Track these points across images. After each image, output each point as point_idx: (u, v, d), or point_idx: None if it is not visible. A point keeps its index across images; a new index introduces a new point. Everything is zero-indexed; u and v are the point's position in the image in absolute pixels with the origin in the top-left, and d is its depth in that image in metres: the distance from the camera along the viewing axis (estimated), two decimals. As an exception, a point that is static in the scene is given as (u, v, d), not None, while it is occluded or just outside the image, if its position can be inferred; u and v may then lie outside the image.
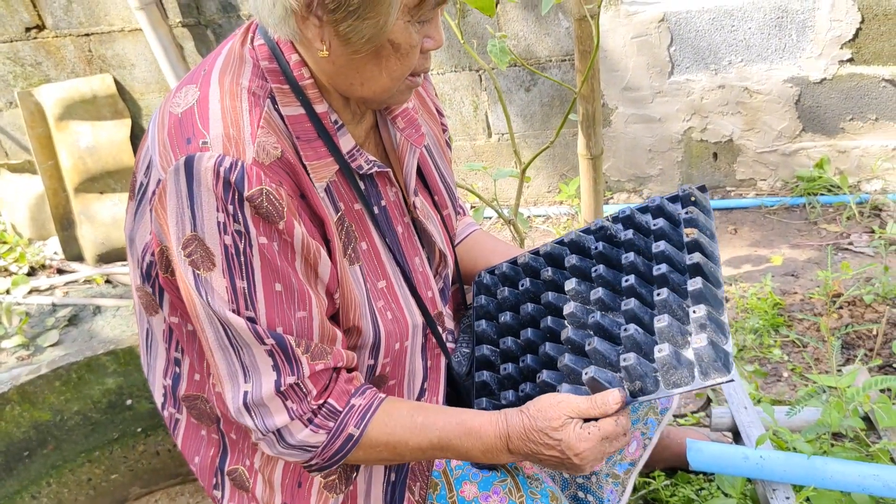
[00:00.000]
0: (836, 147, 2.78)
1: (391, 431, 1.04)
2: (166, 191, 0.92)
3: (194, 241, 0.92)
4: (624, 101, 2.86)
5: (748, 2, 2.57)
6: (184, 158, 0.91)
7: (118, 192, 3.32)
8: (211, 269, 0.92)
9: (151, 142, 0.98)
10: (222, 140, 0.92)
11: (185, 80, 1.03)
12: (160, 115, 1.00)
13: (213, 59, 1.03)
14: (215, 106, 0.95)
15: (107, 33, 3.11)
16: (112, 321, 2.98)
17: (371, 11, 0.89)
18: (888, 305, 2.24)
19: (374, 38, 0.92)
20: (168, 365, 1.15)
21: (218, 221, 0.91)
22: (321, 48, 0.93)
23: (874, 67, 2.59)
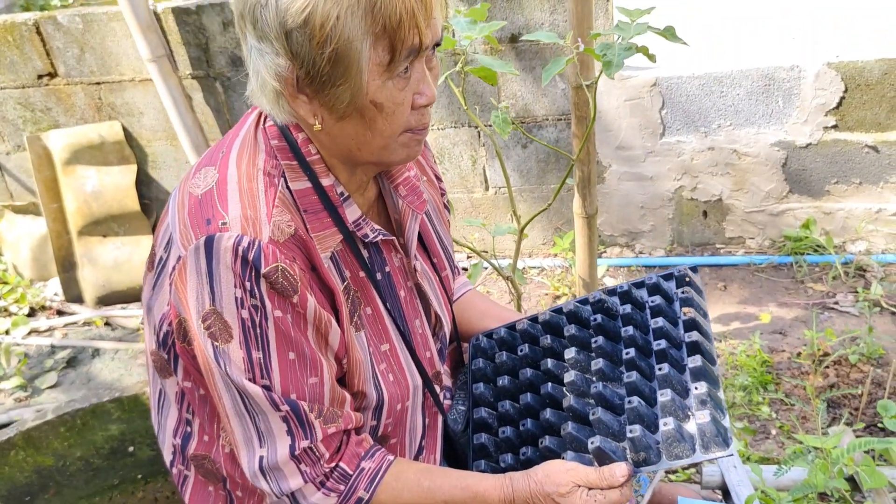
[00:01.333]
0: (822, 209, 2.87)
1: (398, 495, 1.08)
2: (186, 267, 0.98)
3: (213, 315, 0.97)
4: (617, 159, 2.95)
5: (736, 69, 2.68)
6: (204, 238, 0.97)
7: (121, 236, 3.38)
8: (229, 340, 0.98)
9: (172, 220, 1.04)
10: (240, 221, 0.98)
11: (204, 161, 1.08)
12: (180, 194, 1.06)
13: (231, 142, 1.09)
14: (233, 188, 1.01)
15: (117, 82, 3.20)
16: (111, 364, 3.01)
17: (341, 77, 0.94)
18: (872, 366, 2.30)
19: (353, 100, 0.96)
20: (179, 424, 1.19)
21: (236, 297, 0.96)
22: (314, 122, 1.00)
23: (857, 134, 2.70)
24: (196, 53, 3.06)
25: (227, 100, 3.15)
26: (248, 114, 1.12)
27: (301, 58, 0.93)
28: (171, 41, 3.04)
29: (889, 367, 2.27)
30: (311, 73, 0.94)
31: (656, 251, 3.11)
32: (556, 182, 3.04)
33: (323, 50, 0.92)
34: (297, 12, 0.90)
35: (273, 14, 0.92)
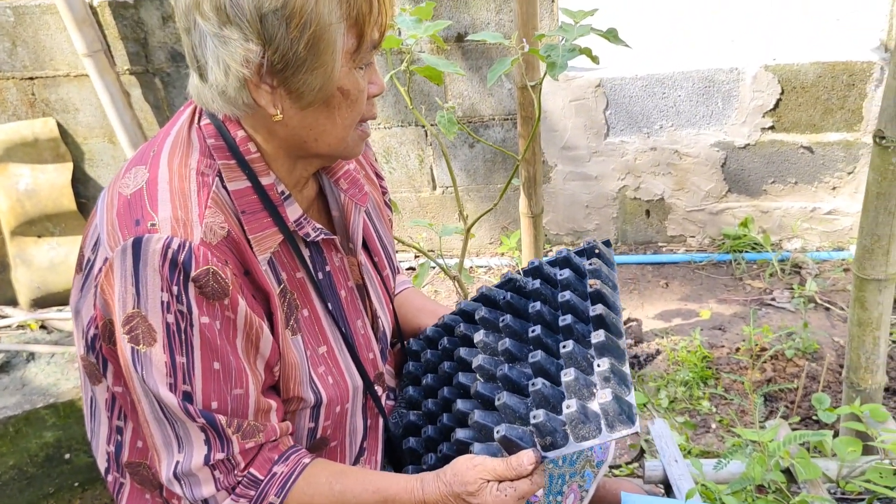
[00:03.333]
0: (760, 207, 2.95)
1: (310, 499, 1.06)
2: (113, 269, 0.95)
3: (136, 318, 0.95)
4: (563, 159, 2.98)
5: (678, 71, 2.74)
6: (132, 239, 0.94)
7: (57, 237, 3.27)
8: (151, 344, 0.95)
9: (100, 220, 1.01)
10: (170, 222, 0.95)
11: (135, 160, 1.05)
12: (109, 194, 1.03)
13: (162, 141, 1.05)
14: (164, 188, 0.98)
15: (51, 77, 3.09)
16: (46, 368, 2.91)
17: (317, 61, 0.94)
18: (807, 360, 2.37)
19: (324, 87, 0.97)
20: (111, 433, 1.16)
21: (162, 301, 0.94)
22: (275, 112, 0.98)
23: (793, 135, 2.78)
24: (134, 48, 2.98)
25: (166, 96, 3.08)
26: (181, 111, 1.09)
27: (276, 42, 0.92)
28: (109, 35, 2.95)
29: (823, 361, 2.35)
30: (285, 58, 0.93)
31: (601, 249, 3.15)
32: (502, 181, 3.06)
33: (301, 33, 0.92)
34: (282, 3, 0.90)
35: (245, 1, 0.90)
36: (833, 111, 2.70)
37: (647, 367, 2.48)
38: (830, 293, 2.71)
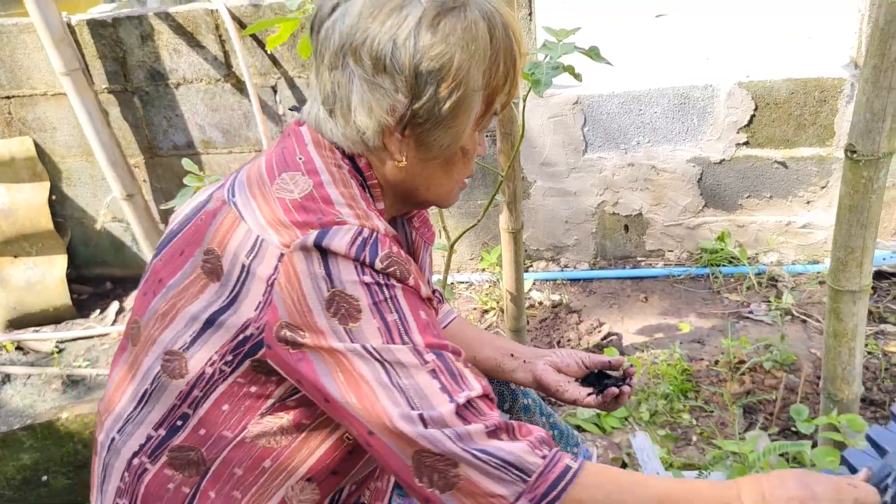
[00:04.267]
0: (736, 222, 2.99)
1: (607, 472, 0.99)
2: (295, 265, 0.97)
3: (336, 297, 0.96)
4: (542, 175, 3.01)
5: (654, 88, 2.78)
6: (316, 233, 0.97)
7: (34, 256, 3.24)
8: (358, 317, 0.96)
9: (255, 225, 1.02)
10: (353, 216, 1.00)
11: (276, 168, 1.07)
12: (259, 201, 1.04)
13: (304, 148, 1.09)
14: (333, 190, 1.03)
15: (28, 96, 3.08)
16: (22, 390, 2.87)
17: (454, 122, 1.03)
18: (785, 372, 2.40)
19: (451, 145, 1.06)
20: (169, 418, 1.12)
21: (358, 278, 0.97)
22: (400, 159, 1.06)
23: (767, 150, 2.83)
24: (113, 67, 2.98)
25: (145, 114, 3.07)
26: (296, 128, 1.13)
27: (424, 99, 1.00)
28: (87, 54, 2.95)
29: (801, 372, 2.38)
30: (427, 114, 1.02)
31: (581, 265, 3.17)
32: (482, 197, 3.08)
33: (449, 95, 1.00)
34: (436, 57, 0.98)
35: (409, 54, 0.98)
36: (806, 126, 2.75)
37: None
38: (807, 305, 2.75)
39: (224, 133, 3.07)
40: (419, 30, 0.98)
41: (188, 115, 3.05)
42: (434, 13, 0.98)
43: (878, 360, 2.42)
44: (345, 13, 1.01)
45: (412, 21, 0.98)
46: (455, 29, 0.99)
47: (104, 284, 3.46)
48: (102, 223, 3.31)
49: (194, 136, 3.09)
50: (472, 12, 1.00)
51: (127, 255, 3.42)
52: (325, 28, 1.03)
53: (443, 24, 0.98)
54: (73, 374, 2.90)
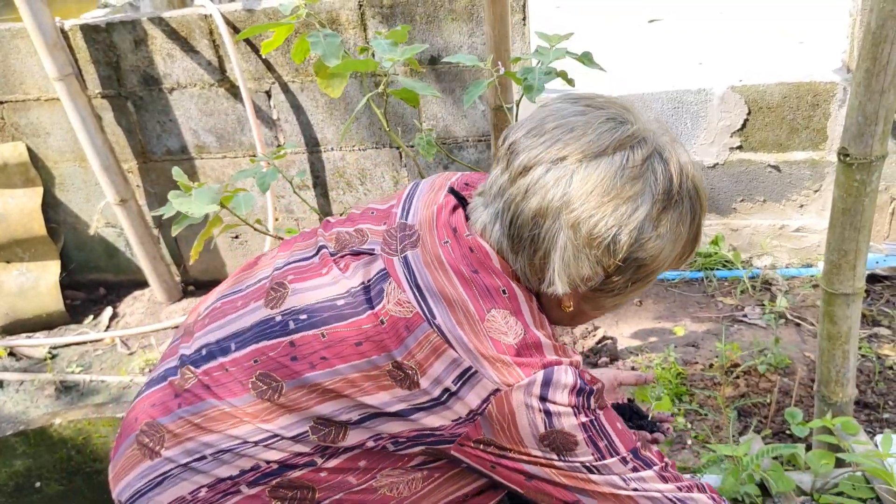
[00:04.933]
0: (730, 225, 3.00)
1: None
2: (511, 401, 1.03)
3: (553, 435, 1.05)
4: (536, 179, 3.01)
5: (647, 92, 2.78)
6: (541, 373, 1.03)
7: (26, 262, 3.23)
8: (574, 449, 1.06)
9: (466, 354, 1.04)
10: (561, 355, 1.07)
11: (483, 298, 1.07)
12: (471, 335, 1.04)
13: (502, 277, 1.09)
14: (540, 334, 1.07)
15: (21, 101, 3.07)
16: (15, 396, 2.86)
17: (624, 293, 1.10)
18: (779, 375, 2.41)
19: (608, 306, 1.15)
20: (289, 460, 1.12)
21: (577, 422, 1.05)
22: (568, 305, 1.12)
23: (760, 154, 2.84)
24: (106, 72, 2.97)
25: (139, 119, 3.07)
26: (479, 244, 1.11)
27: (623, 276, 1.06)
28: (80, 59, 2.94)
29: (795, 375, 2.38)
30: (617, 289, 1.08)
31: (575, 269, 3.18)
32: (476, 202, 3.08)
33: (647, 279, 1.08)
34: (650, 249, 1.03)
35: (629, 244, 1.02)
36: (799, 130, 2.76)
37: (623, 384, 2.49)
38: (800, 309, 2.75)
39: (218, 138, 3.07)
40: (646, 223, 1.01)
41: (182, 120, 3.04)
42: (661, 207, 1.02)
43: (871, 363, 2.42)
44: (571, 175, 1.01)
45: (642, 214, 1.01)
46: (672, 223, 1.03)
47: (97, 290, 3.45)
48: (96, 228, 3.30)
49: (188, 141, 3.09)
50: (685, 204, 1.04)
51: (120, 260, 3.41)
52: (536, 170, 1.04)
53: (665, 218, 1.02)
54: (66, 380, 2.89)
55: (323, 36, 1.71)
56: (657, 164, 1.02)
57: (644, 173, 1.01)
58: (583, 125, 1.03)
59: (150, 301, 3.33)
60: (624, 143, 1.01)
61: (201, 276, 3.41)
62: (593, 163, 1.01)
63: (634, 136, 1.02)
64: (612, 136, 1.02)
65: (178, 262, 3.39)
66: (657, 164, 1.02)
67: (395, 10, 2.72)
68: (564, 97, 1.12)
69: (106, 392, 2.84)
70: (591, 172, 1.00)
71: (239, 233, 3.27)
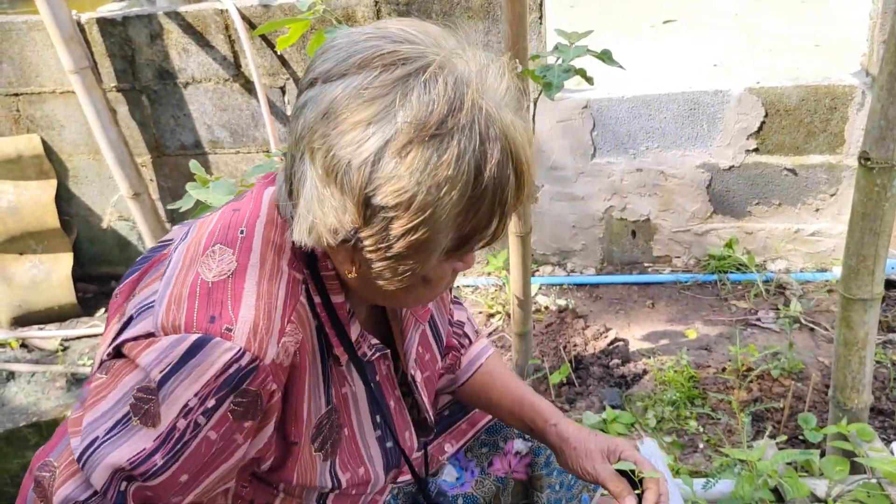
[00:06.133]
0: (744, 228, 2.98)
1: None
2: (153, 348, 0.87)
3: (152, 398, 0.87)
4: (550, 179, 3.00)
5: (664, 94, 2.77)
6: (197, 336, 0.86)
7: (39, 254, 3.24)
8: (145, 427, 0.87)
9: (164, 289, 0.91)
10: (248, 332, 0.87)
11: (216, 235, 0.94)
12: (183, 266, 0.92)
13: (252, 223, 0.94)
14: (251, 286, 0.89)
15: (37, 94, 3.08)
16: (27, 388, 2.87)
17: (408, 259, 0.87)
18: (793, 380, 2.39)
19: (408, 277, 0.89)
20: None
21: (186, 403, 0.86)
22: (349, 270, 0.91)
23: (777, 157, 2.82)
24: (121, 66, 2.98)
25: (152, 113, 3.07)
26: (262, 188, 0.99)
27: (374, 231, 0.84)
28: (96, 52, 2.95)
29: (809, 380, 2.36)
30: (374, 247, 0.85)
31: (587, 270, 3.16)
32: (489, 201, 3.07)
33: (405, 236, 0.83)
34: (392, 193, 0.80)
35: (362, 180, 0.80)
36: (816, 134, 2.74)
37: (634, 386, 2.48)
38: (814, 314, 2.73)
39: (232, 133, 3.07)
40: (381, 155, 0.79)
41: (196, 115, 3.05)
42: (406, 139, 0.79)
43: (886, 369, 2.40)
44: (316, 99, 0.84)
45: (376, 143, 0.79)
46: (427, 163, 0.79)
47: (109, 283, 3.46)
48: (109, 222, 3.30)
49: (202, 136, 3.09)
50: (456, 144, 0.80)
51: (133, 253, 3.41)
52: (300, 101, 0.87)
53: (413, 154, 0.79)
54: (77, 373, 2.89)
55: (340, 32, 1.70)
56: (413, 85, 0.80)
57: (387, 96, 0.80)
58: (350, 44, 0.85)
59: (162, 295, 3.34)
60: (374, 62, 0.82)
61: (213, 270, 3.41)
62: (329, 84, 0.83)
63: (397, 53, 0.82)
64: (366, 54, 0.82)
65: (190, 256, 3.39)
66: (413, 85, 0.80)
67: (410, 7, 2.72)
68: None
69: (116, 385, 2.84)
70: (328, 93, 0.82)
71: (251, 228, 3.28)
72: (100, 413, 0.90)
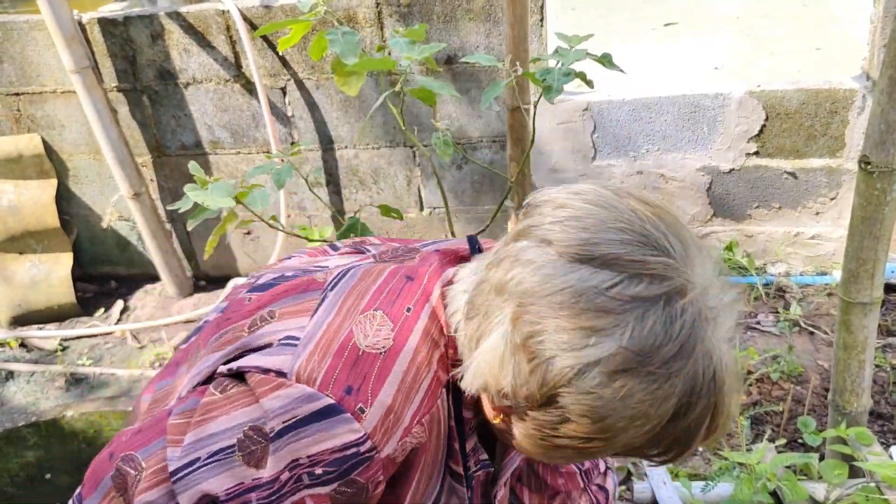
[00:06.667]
0: (744, 232, 2.98)
1: None
2: (282, 395, 0.84)
3: (263, 443, 0.84)
4: (550, 181, 3.00)
5: (664, 96, 2.77)
6: (330, 403, 0.83)
7: (39, 254, 3.24)
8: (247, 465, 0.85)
9: (313, 329, 0.88)
10: (378, 421, 0.84)
11: (382, 299, 0.90)
12: (339, 315, 0.89)
13: (421, 305, 0.91)
14: (399, 371, 0.86)
15: (38, 94, 3.08)
16: (26, 387, 2.86)
17: (567, 451, 0.83)
18: (792, 383, 2.39)
19: (555, 458, 0.88)
20: None
21: (298, 460, 0.84)
22: (497, 417, 0.88)
23: (777, 160, 2.82)
24: (123, 66, 2.98)
25: (153, 113, 3.07)
26: (439, 269, 0.95)
27: (544, 419, 0.80)
28: (97, 52, 2.95)
29: (808, 384, 2.36)
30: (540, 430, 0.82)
31: (587, 272, 3.16)
32: (490, 203, 3.07)
33: (574, 439, 0.80)
34: (583, 405, 0.76)
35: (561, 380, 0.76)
36: (816, 137, 2.74)
37: (634, 389, 2.48)
38: (814, 317, 2.73)
39: (232, 133, 3.07)
40: (590, 370, 0.74)
41: (197, 115, 3.05)
42: (621, 366, 0.73)
43: (885, 373, 2.40)
44: (541, 266, 0.78)
45: (590, 356, 0.74)
46: (631, 395, 0.74)
47: (109, 283, 3.46)
48: (109, 222, 3.30)
49: (202, 136, 3.09)
50: (669, 388, 0.74)
51: (133, 253, 3.41)
52: (518, 242, 0.82)
53: (621, 382, 0.74)
54: (77, 373, 2.89)
55: (341, 34, 1.71)
56: (653, 312, 0.74)
57: (624, 312, 0.74)
58: (598, 220, 0.78)
59: (162, 295, 3.34)
60: (625, 265, 0.75)
61: (213, 270, 3.41)
62: (571, 265, 0.76)
63: (648, 265, 0.75)
64: (617, 248, 0.76)
65: (190, 256, 3.39)
66: (653, 312, 0.74)
67: (412, 9, 2.72)
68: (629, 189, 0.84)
69: (116, 385, 2.84)
70: (562, 274, 0.76)
71: (251, 228, 3.28)
72: (206, 434, 0.87)
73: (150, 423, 0.94)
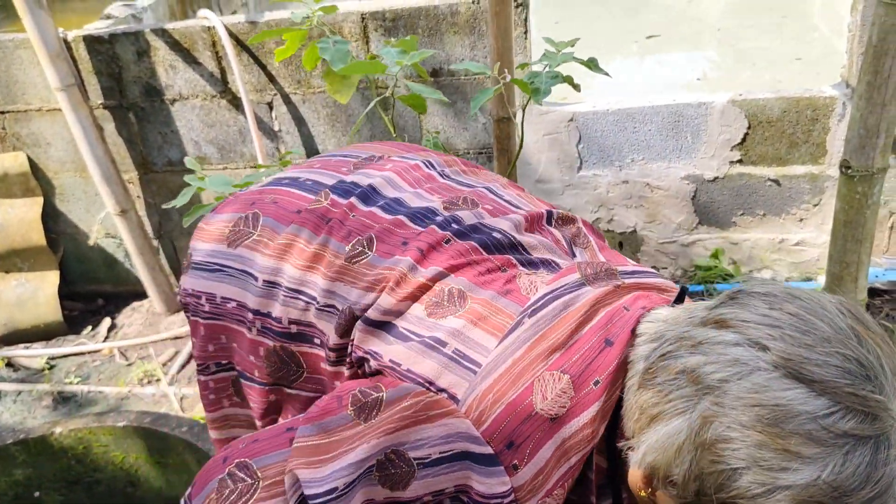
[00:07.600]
0: (729, 239, 3.01)
1: None
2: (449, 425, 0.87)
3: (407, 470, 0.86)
4: (537, 192, 3.02)
5: (648, 106, 2.80)
6: (490, 453, 0.86)
7: (25, 272, 3.22)
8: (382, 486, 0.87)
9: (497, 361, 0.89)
10: (527, 481, 0.86)
11: (576, 361, 0.88)
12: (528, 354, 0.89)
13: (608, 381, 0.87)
14: (557, 439, 0.86)
15: (23, 112, 3.07)
16: (12, 407, 2.84)
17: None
18: (780, 388, 2.41)
19: None
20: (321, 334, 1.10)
21: (444, 490, 0.87)
22: (642, 490, 0.84)
23: (760, 168, 2.85)
24: (108, 83, 2.98)
25: (140, 130, 3.08)
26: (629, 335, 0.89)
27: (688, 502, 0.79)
28: (83, 70, 2.95)
29: (795, 389, 2.38)
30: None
31: (575, 281, 3.18)
32: (477, 214, 3.08)
33: None
34: None
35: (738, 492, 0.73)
36: (798, 145, 2.78)
37: (624, 397, 2.49)
38: (800, 322, 2.76)
39: (219, 149, 3.07)
40: (780, 495, 0.71)
41: (183, 131, 3.05)
42: (814, 498, 0.70)
43: (872, 376, 2.42)
44: (753, 371, 0.74)
45: (786, 480, 0.71)
46: None
47: (96, 301, 3.44)
48: (95, 239, 3.29)
49: (189, 152, 3.09)
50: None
51: (120, 271, 3.40)
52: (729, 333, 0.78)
53: None
54: (64, 391, 2.88)
55: (332, 42, 1.73)
56: (860, 452, 0.70)
57: (833, 445, 0.70)
58: (820, 337, 0.74)
59: (149, 312, 3.32)
60: (843, 397, 0.71)
61: (200, 287, 3.40)
62: (787, 381, 0.73)
63: (866, 401, 0.71)
64: (837, 375, 0.72)
65: (178, 273, 3.38)
66: (860, 452, 0.70)
67: (397, 24, 2.74)
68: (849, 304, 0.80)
69: (104, 403, 2.83)
70: (775, 389, 0.72)
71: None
72: (345, 464, 0.87)
73: (268, 434, 0.95)
